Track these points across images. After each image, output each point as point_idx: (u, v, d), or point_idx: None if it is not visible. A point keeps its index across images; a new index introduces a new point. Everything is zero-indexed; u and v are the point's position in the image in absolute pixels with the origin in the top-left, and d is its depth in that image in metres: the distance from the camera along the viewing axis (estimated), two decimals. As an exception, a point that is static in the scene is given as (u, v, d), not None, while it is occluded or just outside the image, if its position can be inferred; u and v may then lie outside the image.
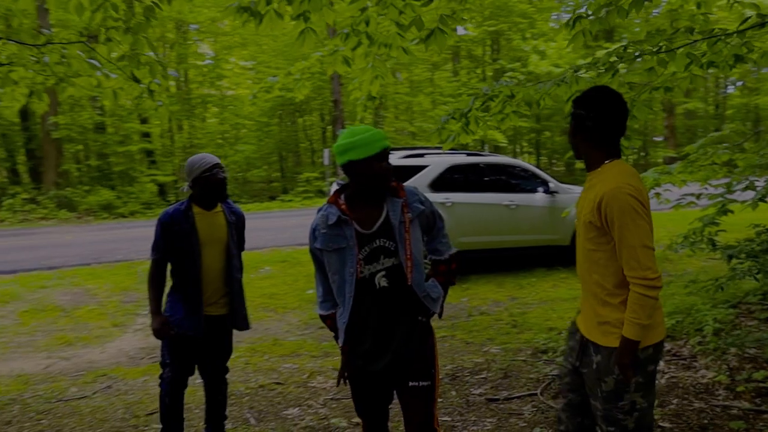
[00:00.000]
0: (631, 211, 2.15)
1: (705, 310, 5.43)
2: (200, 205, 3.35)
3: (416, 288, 2.51)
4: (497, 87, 3.39)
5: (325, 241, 2.49)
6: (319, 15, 3.02)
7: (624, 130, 2.37)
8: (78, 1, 2.73)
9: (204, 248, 3.28)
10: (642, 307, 2.14)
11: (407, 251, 2.48)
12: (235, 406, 4.31)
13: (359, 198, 2.51)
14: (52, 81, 3.47)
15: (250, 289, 8.18)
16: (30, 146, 22.71)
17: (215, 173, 3.28)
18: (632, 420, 2.27)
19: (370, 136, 2.39)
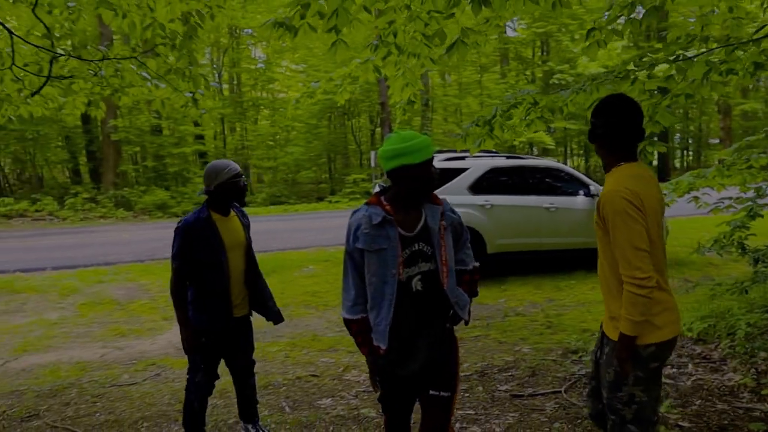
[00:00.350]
0: (622, 213, 2.28)
1: (739, 315, 5.41)
2: (218, 210, 3.42)
3: (449, 293, 2.58)
4: (521, 95, 3.54)
5: (367, 242, 2.50)
6: (349, 28, 3.24)
7: (639, 135, 2.49)
8: (131, 19, 3.04)
9: (229, 253, 3.37)
10: (633, 305, 2.27)
11: (443, 256, 2.55)
12: (272, 395, 4.57)
13: (400, 201, 2.55)
14: (108, 91, 3.81)
15: (294, 287, 8.53)
16: (91, 148, 23.79)
17: (239, 181, 3.39)
18: (630, 411, 2.40)
19: (422, 142, 2.45)
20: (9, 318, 7.35)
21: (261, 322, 3.93)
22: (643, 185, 2.39)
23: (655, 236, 2.41)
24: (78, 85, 3.72)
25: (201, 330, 3.39)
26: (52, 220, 18.47)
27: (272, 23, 3.14)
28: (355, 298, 2.60)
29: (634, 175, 2.41)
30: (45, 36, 3.20)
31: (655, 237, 2.41)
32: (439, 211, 2.60)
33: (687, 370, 4.66)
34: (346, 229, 2.58)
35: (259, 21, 24.14)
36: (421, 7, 3.14)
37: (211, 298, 3.38)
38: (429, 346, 2.57)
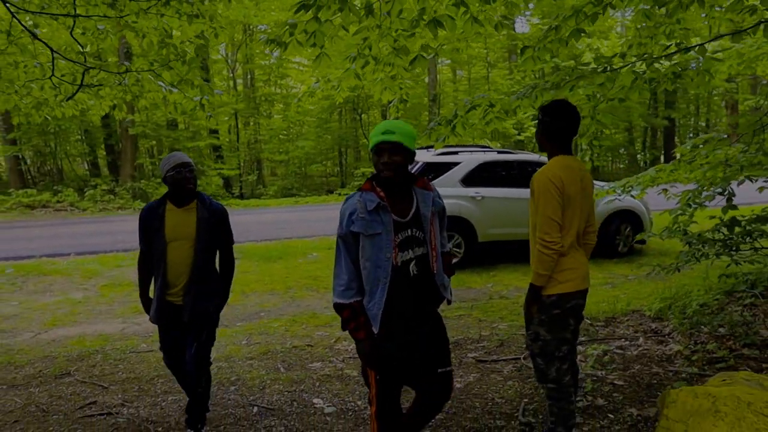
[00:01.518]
0: (545, 191, 2.93)
1: (694, 296, 5.98)
2: (173, 201, 3.48)
3: (437, 277, 2.73)
4: (478, 98, 4.14)
5: (363, 226, 2.59)
6: (331, 42, 3.87)
7: (575, 133, 3.13)
8: (149, 39, 3.68)
9: (170, 243, 3.43)
10: (540, 261, 2.92)
11: (432, 242, 2.71)
12: (269, 360, 5.22)
13: (391, 187, 2.67)
14: (129, 96, 4.48)
15: (298, 272, 9.18)
16: (109, 142, 24.61)
17: (179, 172, 3.39)
18: (537, 347, 3.06)
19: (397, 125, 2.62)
20: (38, 297, 8.08)
21: (267, 303, 4.55)
22: (568, 173, 3.02)
23: (573, 215, 3.03)
24: (104, 91, 4.40)
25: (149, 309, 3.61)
26: (72, 211, 19.28)
27: (265, 40, 3.77)
28: (348, 282, 2.66)
29: (564, 165, 3.04)
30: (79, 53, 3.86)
31: (573, 215, 3.02)
32: (430, 198, 2.75)
33: (637, 342, 5.25)
34: (339, 215, 2.67)
35: (273, 18, 24.84)
36: (390, 27, 3.76)
37: (155, 285, 3.53)
38: (428, 328, 2.73)
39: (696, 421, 2.53)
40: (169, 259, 3.44)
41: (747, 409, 2.49)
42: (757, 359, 4.40)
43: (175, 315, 3.52)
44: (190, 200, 3.49)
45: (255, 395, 4.38)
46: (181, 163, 3.42)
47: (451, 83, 33.80)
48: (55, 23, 3.74)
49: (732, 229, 4.47)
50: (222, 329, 6.44)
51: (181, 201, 3.47)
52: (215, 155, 25.51)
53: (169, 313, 3.54)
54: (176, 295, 3.50)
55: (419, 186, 2.77)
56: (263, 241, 11.74)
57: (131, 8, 3.54)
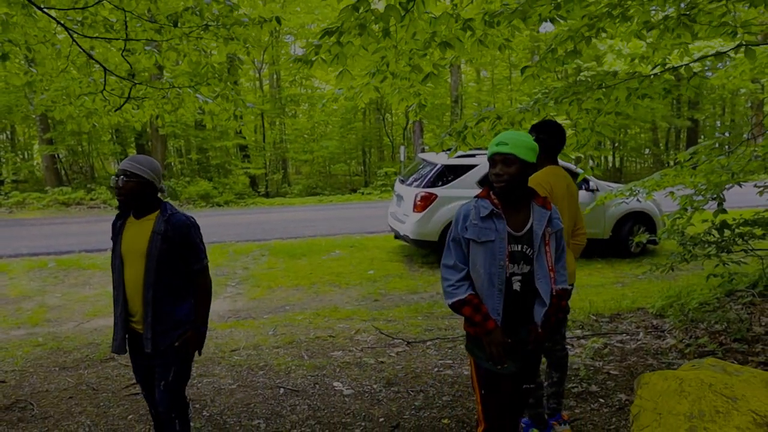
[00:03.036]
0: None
1: (695, 295, 6.29)
2: (133, 213, 3.14)
3: (543, 296, 2.63)
4: (486, 111, 4.52)
5: (476, 233, 2.59)
6: (352, 60, 4.29)
7: (561, 148, 3.56)
8: (188, 58, 4.14)
9: (125, 259, 3.06)
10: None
11: (548, 262, 2.63)
12: (294, 348, 5.67)
13: (507, 197, 2.66)
14: (170, 107, 4.96)
15: (321, 268, 9.64)
16: (140, 142, 25.38)
17: (115, 179, 3.05)
18: None
19: (516, 137, 2.61)
20: (79, 290, 8.65)
21: (292, 297, 4.98)
22: (556, 180, 3.51)
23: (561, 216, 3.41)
24: (147, 103, 4.89)
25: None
26: (105, 208, 20.02)
27: (294, 59, 4.20)
28: (459, 279, 2.66)
29: (553, 173, 3.52)
30: (127, 71, 4.36)
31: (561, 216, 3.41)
32: (546, 216, 2.66)
33: (637, 337, 5.60)
34: (454, 218, 2.69)
35: (300, 21, 25.38)
36: (405, 47, 4.16)
37: (117, 308, 3.13)
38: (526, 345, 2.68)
39: (664, 399, 2.90)
40: (126, 278, 3.06)
41: (708, 389, 2.86)
42: (744, 353, 4.73)
43: (140, 344, 3.09)
44: (146, 211, 3.08)
45: (281, 378, 4.83)
46: (121, 171, 3.03)
47: (475, 83, 34.06)
48: (107, 45, 4.22)
49: (722, 232, 4.78)
50: (250, 321, 6.94)
51: (137, 211, 3.10)
52: (242, 155, 26.14)
53: (132, 341, 3.15)
54: (138, 322, 3.08)
55: (538, 203, 2.70)
56: (288, 239, 12.22)
57: (175, 33, 4.02)
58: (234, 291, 8.55)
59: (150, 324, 3.01)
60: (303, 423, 3.99)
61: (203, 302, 3.18)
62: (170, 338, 3.05)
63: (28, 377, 5.02)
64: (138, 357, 3.18)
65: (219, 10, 4.01)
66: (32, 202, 20.00)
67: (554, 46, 3.95)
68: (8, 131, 28.96)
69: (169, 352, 3.06)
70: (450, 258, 2.69)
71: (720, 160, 5.35)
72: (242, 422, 4.03)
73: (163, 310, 3.04)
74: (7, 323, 7.00)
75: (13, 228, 14.83)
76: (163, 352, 3.06)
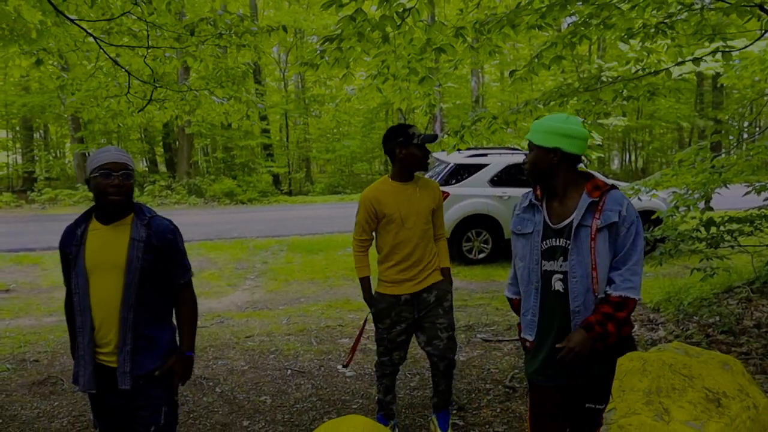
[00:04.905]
0: None
1: (693, 291, 6.48)
2: (98, 217, 2.51)
3: (571, 299, 2.33)
4: (480, 113, 4.81)
5: (516, 223, 2.48)
6: (355, 64, 4.62)
7: None
8: (206, 63, 4.51)
9: (92, 276, 2.44)
10: None
11: (586, 259, 2.30)
12: (304, 336, 6.01)
13: (548, 188, 2.44)
14: (188, 108, 5.36)
15: (336, 263, 9.99)
16: (167, 141, 26.07)
17: (106, 174, 2.40)
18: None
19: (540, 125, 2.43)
20: (106, 280, 9.12)
21: (307, 290, 5.31)
22: None
23: None
24: (168, 104, 5.29)
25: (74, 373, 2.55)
26: (133, 205, 20.66)
27: (300, 63, 4.54)
28: (512, 276, 2.60)
29: None
30: (149, 75, 4.77)
31: None
32: (586, 204, 2.32)
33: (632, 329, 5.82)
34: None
35: (321, 23, 25.80)
36: (403, 52, 4.47)
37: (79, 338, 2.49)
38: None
39: (628, 378, 3.15)
40: (93, 300, 2.44)
41: (668, 369, 3.10)
42: (728, 344, 4.94)
43: (112, 381, 2.48)
44: (121, 214, 2.50)
45: (290, 362, 5.18)
46: (111, 164, 2.42)
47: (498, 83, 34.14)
48: (131, 52, 4.62)
49: (708, 229, 5.00)
50: (266, 311, 7.31)
51: (107, 216, 2.49)
52: (266, 153, 26.66)
53: (103, 378, 2.49)
54: (109, 353, 2.48)
55: (587, 190, 2.36)
56: (307, 235, 12.61)
57: (192, 41, 4.40)
58: (252, 284, 8.94)
59: (129, 354, 2.44)
60: (306, 399, 4.33)
61: (190, 321, 2.65)
62: (151, 370, 2.49)
63: (59, 357, 5.44)
64: (108, 397, 2.52)
65: (231, 20, 4.39)
66: (64, 199, 20.74)
67: (540, 52, 4.23)
68: (42, 130, 29.93)
69: (152, 388, 2.50)
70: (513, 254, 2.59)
71: (718, 160, 5.56)
72: (251, 398, 4.39)
73: (145, 335, 2.49)
74: (39, 311, 7.47)
75: (45, 223, 15.48)
76: (145, 389, 2.49)
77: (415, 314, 3.56)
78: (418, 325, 3.60)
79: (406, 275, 3.52)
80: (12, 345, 5.85)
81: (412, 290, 3.53)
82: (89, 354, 2.46)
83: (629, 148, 35.61)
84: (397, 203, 3.49)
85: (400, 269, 3.52)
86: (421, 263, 3.54)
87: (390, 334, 3.60)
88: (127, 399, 2.51)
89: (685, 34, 3.91)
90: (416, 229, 3.49)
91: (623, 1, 3.70)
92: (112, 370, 2.47)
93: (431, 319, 3.55)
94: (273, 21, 26.81)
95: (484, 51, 4.20)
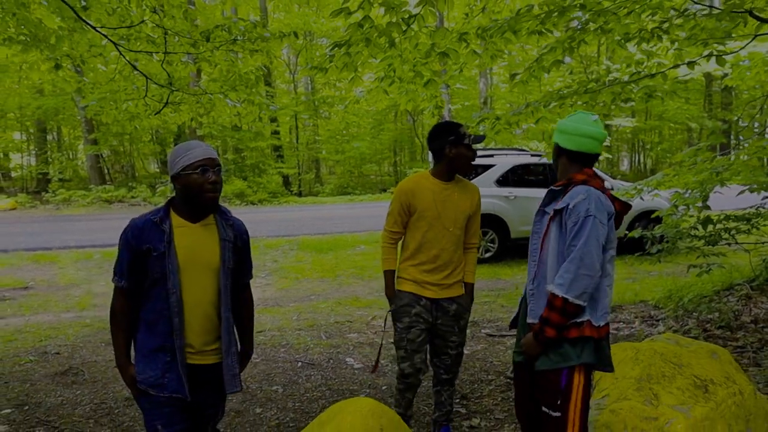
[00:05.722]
0: None
1: (695, 288, 6.62)
2: (183, 215, 2.42)
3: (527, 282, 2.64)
4: (484, 113, 4.98)
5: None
6: (362, 68, 4.81)
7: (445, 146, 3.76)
8: (220, 68, 4.72)
9: (185, 275, 2.37)
10: None
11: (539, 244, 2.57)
12: (314, 331, 6.21)
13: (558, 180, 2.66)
14: (203, 110, 5.58)
15: (346, 262, 10.18)
16: (178, 142, 26.35)
17: (203, 172, 2.33)
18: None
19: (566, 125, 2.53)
20: (121, 278, 9.35)
21: (317, 288, 5.50)
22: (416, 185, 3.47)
23: None
24: (183, 107, 5.52)
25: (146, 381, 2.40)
26: (146, 205, 20.95)
27: (309, 67, 4.73)
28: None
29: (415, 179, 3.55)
30: (166, 80, 5.00)
31: None
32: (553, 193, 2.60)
33: (632, 326, 5.98)
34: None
35: (332, 25, 26.04)
36: (409, 56, 4.66)
37: (158, 334, 2.38)
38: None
39: (621, 366, 3.33)
40: (187, 299, 2.37)
41: (659, 357, 3.28)
42: (725, 338, 5.09)
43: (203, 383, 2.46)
44: (208, 213, 2.47)
45: (300, 354, 5.37)
46: (208, 158, 2.36)
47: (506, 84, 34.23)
48: (150, 57, 4.84)
49: (705, 227, 5.15)
50: (277, 308, 7.51)
51: (197, 215, 2.44)
52: (276, 155, 26.92)
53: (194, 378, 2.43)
54: (210, 353, 2.45)
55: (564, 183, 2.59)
56: (317, 235, 12.81)
57: (207, 47, 4.61)
58: (264, 282, 9.14)
59: (235, 355, 2.49)
60: (315, 389, 4.52)
61: (251, 320, 2.73)
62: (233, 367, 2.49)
63: (79, 350, 5.67)
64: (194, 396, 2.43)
65: (244, 26, 4.59)
66: (77, 200, 21.08)
67: (540, 56, 4.40)
68: (55, 132, 30.36)
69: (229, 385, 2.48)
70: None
71: (717, 161, 5.71)
72: (263, 387, 4.58)
73: (234, 335, 2.53)
74: (58, 307, 7.70)
75: (60, 223, 15.78)
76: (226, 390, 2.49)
77: (431, 320, 3.40)
78: (433, 333, 3.44)
79: (429, 278, 3.35)
80: (33, 339, 6.08)
81: (433, 295, 3.37)
82: (182, 356, 2.37)
83: (638, 150, 35.60)
84: (434, 201, 3.32)
85: (425, 270, 3.35)
86: (447, 269, 3.36)
87: (409, 334, 3.38)
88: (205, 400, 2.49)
89: (678, 39, 4.06)
90: (447, 232, 3.33)
91: (620, 7, 3.86)
92: (204, 370, 2.43)
93: (445, 336, 3.43)
94: (283, 24, 27.12)
95: (486, 55, 4.38)
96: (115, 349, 2.46)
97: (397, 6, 3.98)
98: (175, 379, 2.36)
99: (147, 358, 2.39)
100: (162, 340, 2.36)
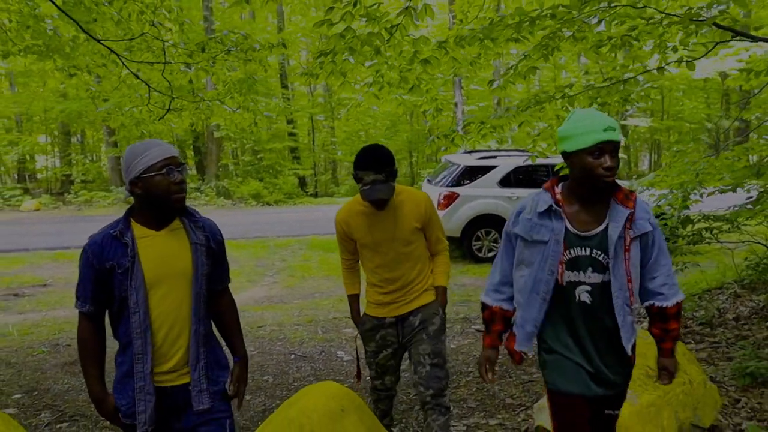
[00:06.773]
0: None
1: (687, 288, 6.76)
2: (145, 223, 2.21)
3: (617, 313, 2.19)
4: (470, 119, 5.19)
5: (526, 230, 2.24)
6: (352, 74, 5.07)
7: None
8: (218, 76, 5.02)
9: (155, 291, 2.17)
10: None
11: (627, 271, 2.18)
12: (312, 326, 6.47)
13: (576, 194, 2.23)
14: (203, 116, 5.90)
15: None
16: (197, 144, 26.89)
17: (168, 172, 2.13)
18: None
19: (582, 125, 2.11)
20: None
21: (322, 286, 5.72)
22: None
23: None
24: (185, 113, 5.85)
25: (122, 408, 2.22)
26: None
27: (300, 73, 5.00)
28: (497, 284, 2.41)
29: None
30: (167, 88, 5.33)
31: None
32: (625, 216, 2.18)
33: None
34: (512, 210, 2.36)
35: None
36: (395, 62, 4.91)
37: (128, 364, 2.19)
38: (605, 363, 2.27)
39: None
40: (155, 314, 2.17)
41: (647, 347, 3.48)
42: (702, 334, 5.24)
43: (174, 405, 2.25)
44: (174, 217, 2.26)
45: (294, 348, 5.65)
46: (172, 158, 2.16)
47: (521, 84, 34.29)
48: (151, 67, 5.16)
49: (685, 227, 5.31)
50: (281, 305, 7.79)
51: (161, 221, 2.23)
52: (292, 156, 27.30)
53: (164, 405, 2.23)
54: (170, 372, 2.23)
55: (618, 199, 2.22)
56: (326, 235, 13.09)
57: (204, 57, 4.93)
58: (271, 280, 9.44)
59: (204, 369, 2.25)
60: (303, 379, 4.79)
61: (237, 324, 2.52)
62: (220, 384, 2.32)
63: (88, 343, 5.99)
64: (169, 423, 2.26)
65: (236, 38, 4.90)
66: (98, 201, 21.65)
67: (515, 63, 4.62)
68: (79, 135, 31.10)
69: (216, 402, 2.28)
70: (499, 257, 2.43)
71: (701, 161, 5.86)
72: (255, 377, 4.86)
73: (211, 346, 2.33)
74: (73, 303, 8.06)
75: (81, 224, 16.28)
76: (214, 406, 2.27)
77: (400, 338, 3.28)
78: (406, 350, 3.34)
79: (388, 298, 3.22)
80: (48, 332, 6.44)
81: (395, 313, 3.24)
82: (150, 381, 2.16)
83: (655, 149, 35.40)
84: (368, 227, 3.16)
85: (382, 291, 3.23)
86: (406, 286, 3.21)
87: (377, 359, 3.35)
88: (190, 421, 2.25)
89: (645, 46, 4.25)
90: (393, 253, 3.15)
91: (589, 17, 4.06)
92: (174, 391, 2.22)
93: (415, 346, 3.23)
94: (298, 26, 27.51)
95: (465, 62, 4.61)
96: (87, 381, 2.24)
97: (378, 17, 4.23)
98: (148, 409, 2.17)
99: (120, 383, 2.22)
100: (131, 364, 2.17)
